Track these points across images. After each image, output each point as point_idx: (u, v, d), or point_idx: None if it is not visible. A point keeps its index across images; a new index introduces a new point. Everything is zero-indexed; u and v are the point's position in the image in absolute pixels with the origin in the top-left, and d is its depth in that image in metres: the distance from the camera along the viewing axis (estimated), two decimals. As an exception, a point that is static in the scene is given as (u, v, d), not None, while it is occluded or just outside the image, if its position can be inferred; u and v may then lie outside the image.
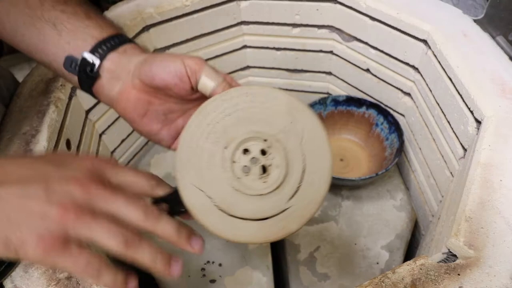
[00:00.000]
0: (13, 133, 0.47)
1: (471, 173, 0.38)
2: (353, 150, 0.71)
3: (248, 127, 0.33)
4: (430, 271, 0.32)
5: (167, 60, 0.34)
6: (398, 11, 0.56)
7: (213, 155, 0.33)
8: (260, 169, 0.32)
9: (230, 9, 0.67)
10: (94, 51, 0.36)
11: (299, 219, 0.31)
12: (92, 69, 0.36)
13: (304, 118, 0.33)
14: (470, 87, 0.46)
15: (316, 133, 0.33)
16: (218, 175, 0.32)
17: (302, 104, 0.34)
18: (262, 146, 0.32)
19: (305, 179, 0.32)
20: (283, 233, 0.31)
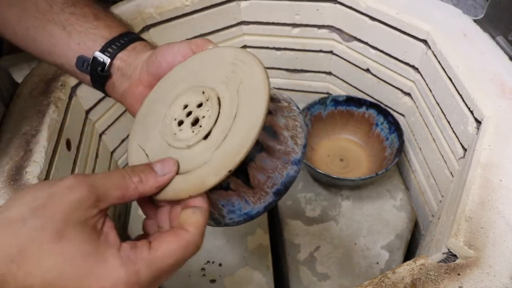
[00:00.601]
0: (13, 133, 0.47)
1: (471, 173, 0.38)
2: (353, 150, 0.71)
3: (191, 83, 0.32)
4: (430, 271, 0.32)
5: (172, 44, 0.35)
6: (398, 11, 0.56)
7: (159, 114, 0.33)
8: (192, 121, 0.30)
9: (230, 9, 0.67)
10: (104, 51, 0.37)
11: (219, 170, 0.27)
12: (103, 68, 0.37)
13: (246, 67, 0.31)
14: (470, 87, 0.46)
15: (254, 80, 0.30)
16: (157, 132, 0.32)
17: (248, 54, 0.32)
18: (200, 99, 0.31)
19: (233, 127, 0.28)
20: (202, 185, 0.27)
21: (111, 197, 0.25)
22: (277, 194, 0.30)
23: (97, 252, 0.23)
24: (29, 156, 0.45)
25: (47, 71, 0.56)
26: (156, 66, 0.35)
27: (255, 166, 0.29)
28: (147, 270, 0.24)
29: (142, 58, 0.37)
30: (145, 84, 0.36)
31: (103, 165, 0.63)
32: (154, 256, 0.24)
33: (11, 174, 0.43)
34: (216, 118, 0.29)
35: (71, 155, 0.53)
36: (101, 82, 0.38)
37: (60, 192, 0.23)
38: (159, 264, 0.24)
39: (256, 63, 0.31)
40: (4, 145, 0.46)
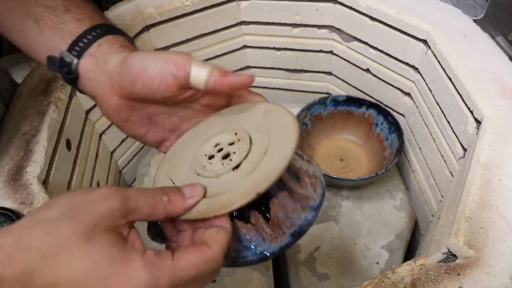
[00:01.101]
0: (13, 133, 0.47)
1: (471, 173, 0.38)
2: (353, 150, 0.71)
3: (224, 128, 0.35)
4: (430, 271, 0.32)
5: (147, 60, 0.31)
6: (398, 11, 0.56)
7: (189, 152, 0.35)
8: (222, 155, 0.32)
9: (230, 9, 0.67)
10: (71, 49, 0.34)
11: (247, 193, 0.28)
12: (70, 70, 0.34)
13: (277, 114, 0.33)
14: (470, 87, 0.46)
15: (284, 124, 0.31)
16: (188, 165, 0.33)
17: (279, 105, 0.34)
18: (232, 139, 0.33)
19: (264, 160, 0.30)
20: (228, 205, 0.28)
21: (140, 213, 0.26)
22: (294, 236, 0.31)
23: (122, 256, 0.23)
24: (29, 156, 0.45)
25: (47, 71, 0.56)
26: (130, 83, 0.32)
27: (277, 203, 0.31)
28: (168, 278, 0.24)
29: (110, 61, 0.33)
30: (119, 96, 0.33)
31: (103, 165, 0.63)
32: (176, 265, 0.25)
33: (11, 174, 0.43)
34: (247, 154, 0.31)
35: (71, 155, 0.53)
36: (72, 82, 0.35)
37: (95, 199, 0.25)
38: (180, 273, 0.25)
39: (286, 111, 0.33)
40: (4, 145, 0.46)
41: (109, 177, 0.65)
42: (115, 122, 0.36)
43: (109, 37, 0.35)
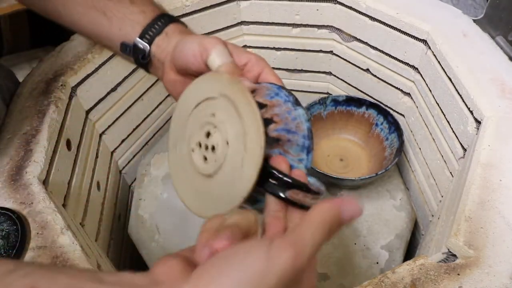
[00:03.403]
0: (13, 133, 0.47)
1: (471, 173, 0.38)
2: (353, 150, 0.71)
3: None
4: (429, 271, 0.32)
5: (187, 40, 0.37)
6: (398, 11, 0.56)
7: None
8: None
9: (230, 9, 0.67)
10: (142, 37, 0.39)
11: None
12: (144, 55, 0.39)
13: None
14: (469, 87, 0.46)
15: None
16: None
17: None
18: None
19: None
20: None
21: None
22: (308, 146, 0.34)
23: None
24: (29, 156, 0.45)
25: (47, 71, 0.56)
26: (176, 59, 0.37)
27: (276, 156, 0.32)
28: None
29: (171, 44, 0.38)
30: (174, 71, 0.38)
31: (103, 165, 0.63)
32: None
33: (11, 174, 0.43)
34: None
35: (71, 155, 0.53)
36: (145, 67, 0.40)
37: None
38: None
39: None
40: (4, 145, 0.46)
41: (109, 177, 0.65)
42: (174, 95, 0.40)
43: (172, 25, 0.40)
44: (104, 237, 0.60)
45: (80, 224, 0.52)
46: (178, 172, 0.35)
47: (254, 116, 0.30)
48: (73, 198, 0.51)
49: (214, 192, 0.32)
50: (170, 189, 0.67)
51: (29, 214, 0.40)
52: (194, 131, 0.34)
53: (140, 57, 0.39)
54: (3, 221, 0.39)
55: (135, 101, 0.68)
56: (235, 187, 0.30)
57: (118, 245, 0.66)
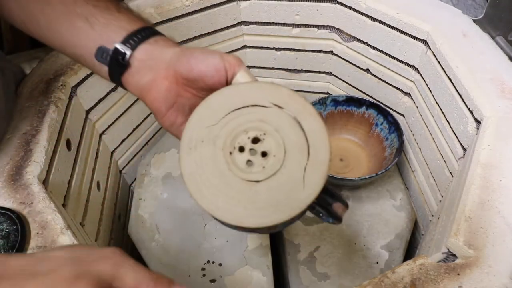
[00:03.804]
0: (13, 133, 0.47)
1: (471, 173, 0.38)
2: (353, 150, 0.71)
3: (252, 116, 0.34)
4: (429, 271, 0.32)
5: (206, 53, 0.36)
6: (398, 11, 0.56)
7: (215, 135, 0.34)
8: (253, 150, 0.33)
9: (230, 9, 0.67)
10: (125, 42, 0.37)
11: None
12: (123, 58, 0.37)
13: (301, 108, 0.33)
14: (469, 87, 0.46)
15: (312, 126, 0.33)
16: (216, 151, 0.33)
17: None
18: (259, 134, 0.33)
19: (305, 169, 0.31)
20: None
21: (124, 284, 0.28)
22: None
23: None
24: (29, 156, 0.45)
25: (47, 71, 0.56)
26: (187, 69, 0.36)
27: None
28: None
29: (168, 53, 0.37)
30: (170, 80, 0.37)
31: (103, 165, 0.63)
32: None
33: (11, 174, 0.43)
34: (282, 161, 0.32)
35: (71, 155, 0.53)
36: (119, 72, 0.38)
37: (96, 256, 0.28)
38: None
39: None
40: (4, 145, 0.46)
41: (109, 177, 0.65)
42: (159, 108, 0.38)
43: (163, 36, 0.39)
44: (104, 237, 0.60)
45: (80, 224, 0.52)
46: (199, 176, 0.32)
47: (321, 131, 0.32)
48: (73, 198, 0.51)
49: (261, 198, 0.31)
50: (170, 189, 0.67)
51: (29, 214, 0.40)
52: (231, 135, 0.32)
53: (119, 58, 0.37)
54: (3, 221, 0.39)
55: (135, 101, 0.68)
56: (293, 195, 0.31)
57: (118, 245, 0.66)
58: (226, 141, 0.32)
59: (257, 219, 0.30)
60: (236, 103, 0.33)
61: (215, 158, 0.32)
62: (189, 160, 0.32)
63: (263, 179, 0.31)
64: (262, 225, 0.31)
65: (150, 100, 0.38)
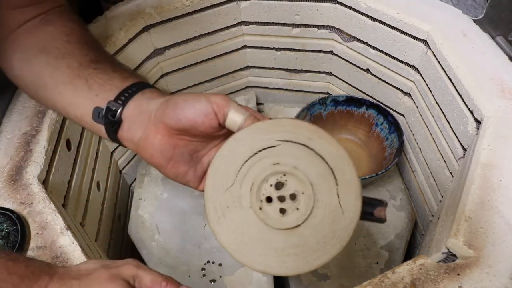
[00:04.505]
0: (13, 133, 0.47)
1: (471, 173, 0.38)
2: (353, 150, 0.71)
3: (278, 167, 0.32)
4: (429, 271, 0.32)
5: (191, 99, 0.35)
6: (398, 11, 0.56)
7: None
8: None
9: (230, 9, 0.67)
10: (117, 99, 0.38)
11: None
12: (114, 115, 0.38)
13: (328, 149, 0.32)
14: (469, 87, 0.46)
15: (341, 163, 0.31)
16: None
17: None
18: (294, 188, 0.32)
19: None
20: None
21: (142, 283, 0.33)
22: None
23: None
24: (29, 156, 0.45)
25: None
26: (175, 121, 0.35)
27: None
28: None
29: (153, 104, 0.37)
30: (162, 134, 0.36)
31: (103, 165, 0.63)
32: None
33: (11, 174, 0.43)
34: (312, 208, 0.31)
35: (71, 155, 0.53)
36: (114, 130, 0.39)
37: (118, 263, 0.34)
38: None
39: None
40: (4, 145, 0.46)
41: (109, 177, 0.65)
42: (159, 163, 0.38)
43: (151, 88, 0.40)
44: (104, 237, 0.60)
45: (80, 224, 0.52)
46: (242, 243, 0.31)
47: (336, 149, 0.30)
48: (73, 198, 0.51)
49: (308, 240, 0.30)
50: (170, 189, 0.67)
51: (29, 214, 0.40)
52: (253, 190, 0.31)
53: (111, 115, 0.38)
54: (3, 221, 0.39)
55: (135, 101, 0.67)
56: (337, 225, 0.30)
57: (118, 245, 0.66)
58: (251, 198, 0.31)
59: (311, 263, 0.30)
60: (243, 155, 0.32)
61: (248, 219, 0.31)
62: (224, 230, 0.31)
63: (302, 222, 0.30)
64: (319, 265, 0.30)
65: (148, 157, 0.38)
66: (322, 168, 0.30)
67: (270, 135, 0.31)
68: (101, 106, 0.39)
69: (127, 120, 0.38)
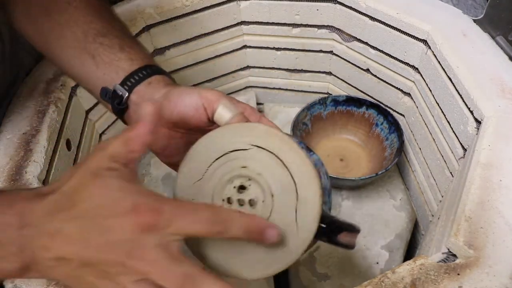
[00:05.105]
0: (13, 133, 0.47)
1: (471, 173, 0.38)
2: (353, 150, 0.71)
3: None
4: (430, 271, 0.32)
5: (184, 93, 0.36)
6: (398, 11, 0.56)
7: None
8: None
9: (230, 9, 0.67)
10: (123, 84, 0.38)
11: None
12: (120, 101, 0.38)
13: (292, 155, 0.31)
14: (470, 87, 0.46)
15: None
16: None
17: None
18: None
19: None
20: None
21: (116, 151, 0.28)
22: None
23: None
24: (29, 156, 0.45)
25: (47, 71, 0.56)
26: (169, 113, 0.36)
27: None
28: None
29: (155, 95, 0.37)
30: (159, 124, 0.37)
31: (103, 165, 0.63)
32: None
33: (11, 174, 0.43)
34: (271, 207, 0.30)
35: (71, 155, 0.53)
36: (120, 113, 0.39)
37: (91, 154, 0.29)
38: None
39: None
40: (4, 145, 0.46)
41: (109, 177, 0.65)
42: (154, 150, 0.39)
43: (157, 76, 0.39)
44: (104, 237, 0.60)
45: (80, 224, 0.52)
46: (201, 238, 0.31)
47: (304, 164, 0.29)
48: (73, 198, 0.51)
49: (257, 249, 0.29)
50: (170, 189, 0.67)
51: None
52: (217, 188, 0.31)
53: (116, 102, 0.38)
54: (3, 221, 0.39)
55: (135, 101, 0.68)
56: (289, 240, 0.29)
57: (118, 245, 0.66)
58: (213, 196, 0.31)
59: (256, 272, 0.30)
60: (216, 152, 0.32)
61: None
62: None
63: None
64: (262, 276, 0.30)
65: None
66: (286, 180, 0.30)
67: (244, 138, 0.31)
68: (108, 87, 0.39)
69: (132, 105, 0.38)
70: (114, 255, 0.24)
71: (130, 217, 0.25)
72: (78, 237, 0.25)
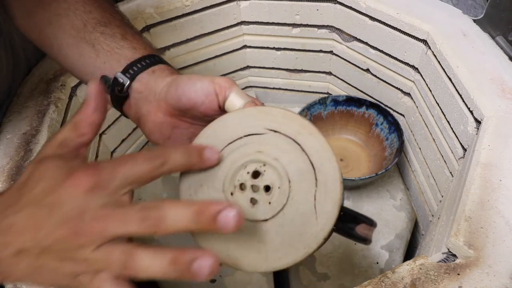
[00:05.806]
0: (13, 133, 0.47)
1: (471, 173, 0.38)
2: (353, 150, 0.71)
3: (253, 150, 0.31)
4: (429, 271, 0.32)
5: (194, 79, 0.34)
6: (398, 11, 0.56)
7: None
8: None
9: (230, 9, 0.67)
10: (125, 72, 0.37)
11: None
12: (121, 89, 0.37)
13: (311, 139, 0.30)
14: (469, 87, 0.46)
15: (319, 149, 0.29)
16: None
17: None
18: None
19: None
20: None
21: (64, 139, 0.28)
22: None
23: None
24: (29, 156, 0.45)
25: (47, 71, 0.56)
26: (176, 99, 0.34)
27: None
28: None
29: (160, 83, 0.36)
30: (163, 112, 0.36)
31: (103, 165, 0.63)
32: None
33: (11, 174, 0.43)
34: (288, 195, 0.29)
35: (71, 155, 0.53)
36: (119, 102, 0.38)
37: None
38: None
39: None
40: (4, 145, 0.46)
41: (109, 177, 0.65)
42: (157, 139, 0.37)
43: (161, 65, 0.38)
44: (104, 237, 0.60)
45: (80, 224, 0.52)
46: None
47: (324, 150, 0.28)
48: (73, 198, 0.51)
49: (273, 238, 0.28)
50: (170, 189, 0.67)
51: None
52: (229, 173, 0.30)
53: (117, 90, 0.36)
54: (3, 221, 0.39)
55: (135, 101, 0.68)
56: (307, 229, 0.28)
57: (118, 245, 0.66)
58: (225, 182, 0.29)
59: (272, 263, 0.28)
60: (228, 137, 0.30)
61: None
62: None
63: (271, 217, 0.28)
64: (278, 268, 0.28)
65: (146, 132, 0.38)
66: (304, 165, 0.28)
67: (259, 122, 0.30)
68: (108, 75, 0.37)
69: (133, 96, 0.37)
70: (66, 227, 0.24)
71: (69, 184, 0.24)
72: (29, 224, 0.24)
